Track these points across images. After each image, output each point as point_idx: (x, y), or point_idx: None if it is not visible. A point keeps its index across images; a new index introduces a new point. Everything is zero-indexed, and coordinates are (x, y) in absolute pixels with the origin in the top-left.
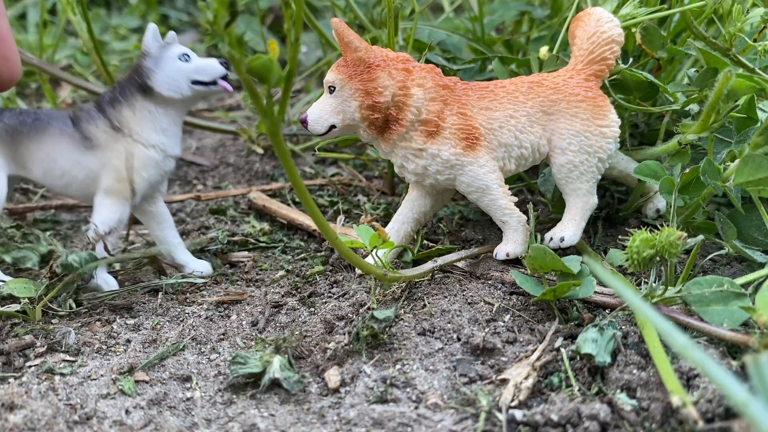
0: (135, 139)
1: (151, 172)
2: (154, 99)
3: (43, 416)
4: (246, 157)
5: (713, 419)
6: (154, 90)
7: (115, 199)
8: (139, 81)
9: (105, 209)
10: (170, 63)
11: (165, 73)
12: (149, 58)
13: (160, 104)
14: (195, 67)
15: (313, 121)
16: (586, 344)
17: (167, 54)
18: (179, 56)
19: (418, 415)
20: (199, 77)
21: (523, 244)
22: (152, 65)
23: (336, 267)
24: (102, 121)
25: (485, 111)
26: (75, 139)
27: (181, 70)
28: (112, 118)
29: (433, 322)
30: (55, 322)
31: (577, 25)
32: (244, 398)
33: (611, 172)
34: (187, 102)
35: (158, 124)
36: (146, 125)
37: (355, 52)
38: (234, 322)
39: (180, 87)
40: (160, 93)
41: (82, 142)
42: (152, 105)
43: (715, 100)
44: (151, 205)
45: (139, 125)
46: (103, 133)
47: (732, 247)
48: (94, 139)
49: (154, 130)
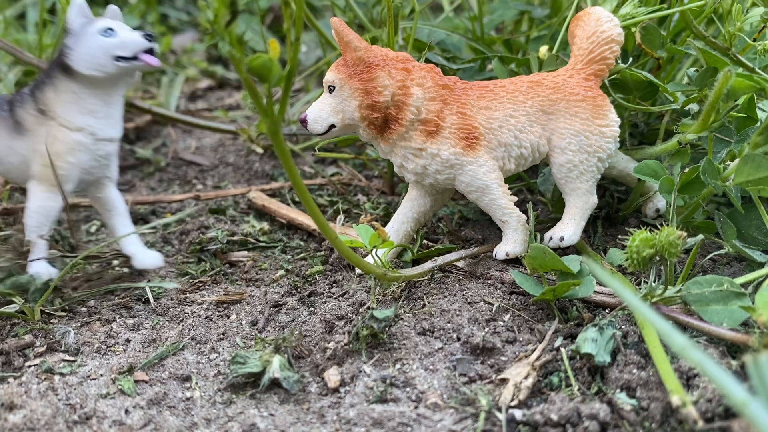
0: (59, 122)
1: (81, 157)
2: (76, 78)
3: (42, 416)
4: (245, 157)
5: (713, 419)
6: (73, 69)
7: (44, 186)
8: (59, 60)
9: (35, 197)
10: (90, 39)
11: (84, 50)
12: (70, 35)
13: (85, 84)
14: (117, 41)
15: (312, 120)
16: (585, 344)
17: (89, 30)
18: (101, 31)
19: (418, 414)
20: (120, 52)
21: (522, 243)
22: (71, 43)
23: (336, 266)
24: (31, 105)
25: (485, 110)
26: (8, 124)
27: (102, 45)
28: (38, 101)
29: (433, 322)
30: (55, 322)
31: (577, 25)
32: (244, 398)
33: (611, 171)
34: (115, 79)
35: (84, 105)
36: (70, 107)
37: (354, 52)
38: (233, 321)
39: (102, 64)
40: (79, 71)
41: (14, 127)
42: (76, 85)
43: (714, 100)
44: (99, 191)
45: (63, 107)
46: (31, 117)
47: (732, 247)
48: (23, 123)
49: (80, 111)
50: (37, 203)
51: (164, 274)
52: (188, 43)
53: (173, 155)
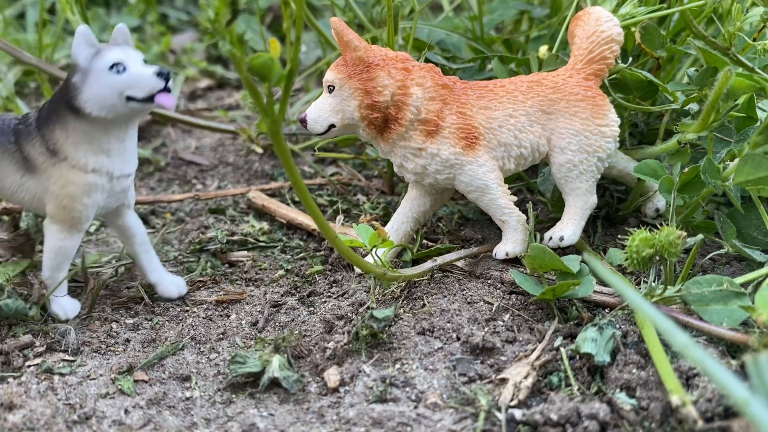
0: (71, 164)
1: (97, 197)
2: (87, 119)
3: (42, 416)
4: (245, 157)
5: (713, 418)
6: (82, 111)
7: (60, 226)
8: (66, 100)
9: (53, 238)
10: (100, 77)
11: (93, 90)
12: (77, 71)
13: (96, 124)
14: (128, 79)
15: (312, 120)
16: (585, 343)
17: (97, 65)
18: (110, 67)
19: (418, 414)
20: (132, 93)
21: (522, 243)
22: (79, 81)
23: (335, 266)
24: (39, 141)
25: (484, 110)
26: (16, 159)
27: (112, 85)
28: (47, 139)
29: (433, 322)
30: (54, 322)
31: (577, 25)
32: (244, 398)
33: (611, 171)
34: (128, 118)
35: (98, 145)
36: (83, 148)
37: (354, 52)
38: (233, 321)
39: (113, 105)
40: (89, 114)
41: (22, 163)
42: (87, 126)
43: (714, 99)
44: (118, 219)
45: (75, 149)
46: (40, 156)
47: (731, 247)
48: (32, 161)
49: (93, 152)
50: (56, 243)
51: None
52: (188, 43)
53: (173, 155)
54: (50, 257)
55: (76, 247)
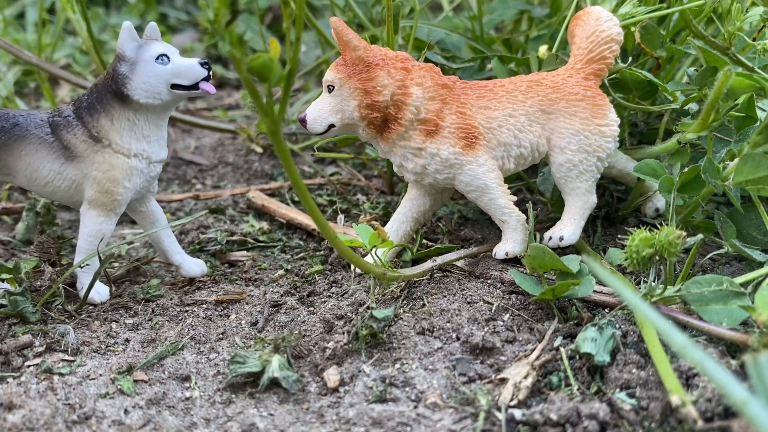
0: (115, 149)
1: (136, 180)
2: (132, 106)
3: (41, 416)
4: (245, 157)
5: (712, 418)
6: (131, 98)
7: (99, 210)
8: (114, 88)
9: (91, 222)
10: (147, 67)
11: (142, 78)
12: (124, 62)
13: (140, 111)
14: (174, 69)
15: (312, 120)
16: (585, 343)
17: (143, 56)
18: (156, 58)
19: (418, 414)
20: (178, 81)
21: (522, 243)
22: (127, 71)
23: (335, 266)
24: (81, 130)
25: (484, 110)
26: (55, 148)
27: (159, 74)
28: (90, 127)
29: (433, 322)
30: (54, 322)
31: (577, 24)
32: (243, 398)
33: (610, 171)
34: (169, 105)
35: (140, 132)
36: (126, 134)
37: (354, 51)
38: (233, 321)
39: (159, 93)
40: (137, 101)
41: (62, 152)
42: (131, 113)
43: (714, 99)
44: (143, 206)
45: (119, 135)
46: (82, 143)
47: (731, 246)
48: (73, 149)
49: (136, 138)
50: (94, 227)
51: (163, 274)
52: (188, 43)
53: (172, 155)
54: (87, 241)
55: (111, 231)
